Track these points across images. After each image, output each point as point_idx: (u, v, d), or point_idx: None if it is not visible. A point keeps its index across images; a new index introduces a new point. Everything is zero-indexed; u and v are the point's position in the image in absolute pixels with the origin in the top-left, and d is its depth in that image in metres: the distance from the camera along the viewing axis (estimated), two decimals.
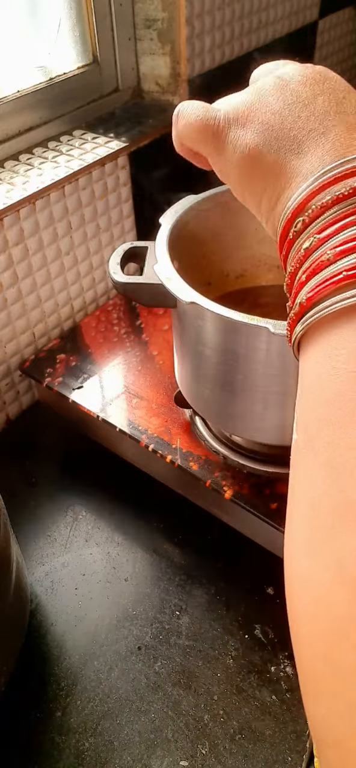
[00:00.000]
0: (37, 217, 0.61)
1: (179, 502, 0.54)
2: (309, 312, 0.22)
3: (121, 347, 0.64)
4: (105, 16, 0.70)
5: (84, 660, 0.46)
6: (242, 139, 0.26)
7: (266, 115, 0.25)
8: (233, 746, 0.41)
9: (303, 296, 0.22)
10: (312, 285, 0.22)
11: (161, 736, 0.42)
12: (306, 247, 0.23)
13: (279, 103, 0.25)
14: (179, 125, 0.29)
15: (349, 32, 1.07)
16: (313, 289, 0.22)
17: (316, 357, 0.22)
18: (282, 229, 0.24)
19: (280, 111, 0.25)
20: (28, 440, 0.66)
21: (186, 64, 0.73)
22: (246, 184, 0.26)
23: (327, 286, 0.21)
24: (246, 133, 0.26)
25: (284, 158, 0.24)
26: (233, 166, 0.26)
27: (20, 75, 0.65)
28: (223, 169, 0.28)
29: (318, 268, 0.22)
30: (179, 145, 0.30)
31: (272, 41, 0.87)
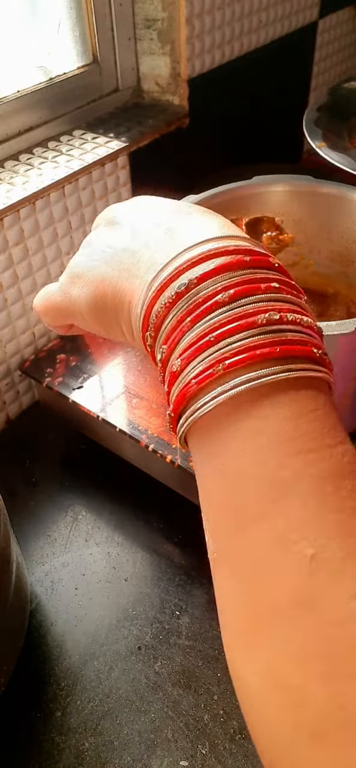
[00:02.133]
0: (37, 217, 0.61)
1: (179, 502, 0.54)
2: (179, 420, 0.23)
3: (121, 347, 0.64)
4: (105, 16, 0.70)
5: (84, 660, 0.46)
6: (82, 291, 0.27)
7: (95, 261, 0.27)
8: (233, 746, 0.41)
9: (170, 407, 0.23)
10: (173, 396, 0.22)
11: (161, 736, 0.42)
12: (159, 359, 0.23)
13: (102, 246, 0.27)
14: (37, 313, 0.32)
15: (349, 32, 1.07)
16: (174, 399, 0.22)
17: (200, 460, 0.23)
18: (144, 348, 0.25)
19: (104, 252, 0.27)
20: (28, 440, 0.66)
21: (186, 64, 0.73)
22: (102, 324, 0.28)
23: (182, 395, 0.22)
24: (84, 285, 0.27)
25: (121, 288, 0.25)
26: (85, 317, 0.28)
27: (20, 75, 0.65)
28: (81, 322, 0.29)
29: (172, 379, 0.22)
30: (47, 325, 0.33)
31: (272, 41, 0.87)
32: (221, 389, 0.21)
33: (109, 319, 0.27)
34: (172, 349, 0.23)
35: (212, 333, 0.21)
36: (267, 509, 0.20)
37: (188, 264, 0.23)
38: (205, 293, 0.22)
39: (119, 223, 0.28)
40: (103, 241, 0.28)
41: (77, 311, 0.28)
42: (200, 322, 0.22)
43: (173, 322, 0.22)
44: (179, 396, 0.22)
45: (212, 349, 0.21)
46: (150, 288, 0.24)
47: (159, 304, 0.23)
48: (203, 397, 0.21)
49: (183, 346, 0.22)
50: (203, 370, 0.21)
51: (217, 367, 0.21)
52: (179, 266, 0.23)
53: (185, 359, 0.22)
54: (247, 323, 0.21)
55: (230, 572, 0.21)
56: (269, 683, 0.19)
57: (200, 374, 0.21)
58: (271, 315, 0.21)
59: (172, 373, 0.22)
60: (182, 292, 0.22)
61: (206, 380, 0.21)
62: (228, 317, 0.21)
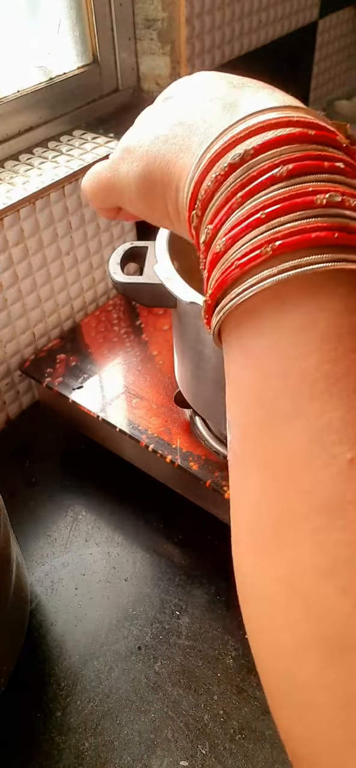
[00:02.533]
0: (37, 217, 0.61)
1: (179, 502, 0.54)
2: (216, 308, 0.21)
3: (121, 347, 0.64)
4: (105, 16, 0.70)
5: (84, 660, 0.46)
6: (131, 167, 0.26)
7: (148, 134, 0.25)
8: (233, 746, 0.41)
9: (208, 292, 0.21)
10: (213, 280, 0.21)
11: (161, 736, 0.42)
12: (203, 240, 0.21)
13: (158, 116, 0.25)
14: (87, 196, 0.30)
15: (349, 32, 1.07)
16: (214, 285, 0.21)
17: (234, 352, 0.21)
18: (188, 231, 0.23)
19: (161, 123, 0.25)
20: (28, 440, 0.66)
21: (186, 64, 0.73)
22: (149, 204, 0.26)
23: (223, 279, 0.20)
24: (134, 161, 0.26)
25: (172, 161, 0.23)
26: (132, 196, 0.26)
27: (20, 75, 0.65)
28: (128, 203, 0.28)
29: (214, 260, 0.21)
30: (92, 206, 0.31)
31: (272, 41, 0.87)
32: (268, 273, 0.19)
33: (156, 198, 0.25)
34: (217, 229, 0.20)
35: (264, 210, 0.19)
36: (305, 407, 0.18)
37: (244, 134, 0.20)
38: (261, 166, 0.19)
39: (174, 96, 0.26)
40: (157, 116, 0.26)
41: (126, 188, 0.27)
42: (252, 198, 0.19)
43: (222, 197, 0.20)
44: (220, 280, 0.20)
45: (262, 228, 0.19)
46: (201, 160, 0.21)
47: (209, 178, 0.21)
48: (245, 282, 0.19)
49: (231, 224, 0.20)
50: (250, 251, 0.19)
51: (265, 248, 0.19)
52: (234, 136, 0.20)
53: (231, 238, 0.20)
54: (304, 202, 0.19)
55: (257, 471, 0.19)
56: (288, 590, 0.18)
57: (245, 255, 0.19)
58: (332, 196, 0.19)
59: (215, 254, 0.20)
60: (236, 164, 0.20)
61: (251, 262, 0.19)
62: (283, 194, 0.19)
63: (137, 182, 0.26)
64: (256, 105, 0.21)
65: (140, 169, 0.25)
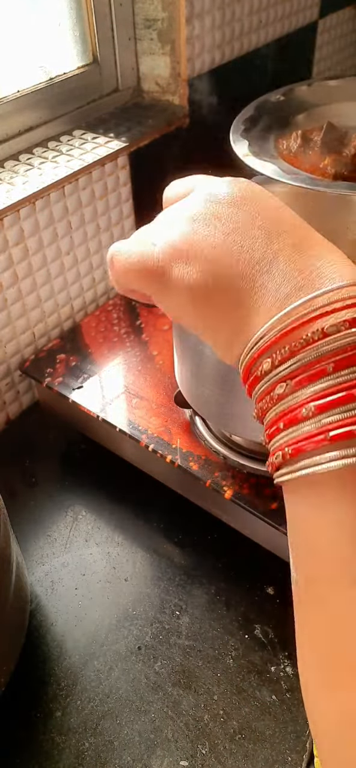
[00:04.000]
0: (37, 217, 0.61)
1: (179, 502, 0.54)
2: (293, 463, 0.21)
3: (121, 347, 0.64)
4: (105, 16, 0.70)
5: (84, 660, 0.46)
6: (188, 277, 0.24)
7: (208, 249, 0.23)
8: (233, 746, 0.41)
9: (286, 447, 0.21)
10: (294, 437, 0.21)
11: (161, 736, 0.42)
12: (279, 393, 0.22)
13: (218, 233, 0.24)
14: (115, 269, 0.27)
15: (349, 32, 1.07)
16: (296, 442, 0.21)
17: (305, 510, 0.22)
18: (246, 366, 0.23)
19: (222, 243, 0.23)
20: (28, 440, 0.66)
21: (186, 64, 0.73)
22: (199, 319, 0.25)
23: (310, 443, 0.20)
24: (191, 271, 0.24)
25: (237, 293, 0.23)
26: (182, 305, 0.25)
27: (20, 75, 0.65)
28: (170, 307, 0.26)
29: (295, 420, 0.21)
30: (119, 287, 0.28)
31: (272, 41, 0.87)
32: (353, 451, 0.20)
33: (210, 318, 0.24)
34: (298, 387, 0.21)
35: (354, 388, 0.20)
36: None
37: (340, 306, 0.21)
38: (354, 340, 0.20)
39: (249, 204, 0.24)
40: (227, 222, 0.24)
41: (175, 293, 0.25)
42: (347, 371, 0.20)
43: (309, 359, 0.21)
44: (302, 444, 0.21)
45: (352, 405, 0.20)
46: (289, 315, 0.21)
47: (297, 339, 0.21)
48: (334, 451, 0.20)
49: (320, 389, 0.20)
50: (344, 425, 0.20)
51: (354, 426, 0.19)
52: (326, 303, 0.21)
53: (321, 406, 0.20)
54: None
55: (323, 623, 0.21)
56: (347, 722, 0.20)
57: (338, 428, 0.20)
58: None
59: (300, 416, 0.21)
60: (330, 333, 0.20)
61: (343, 437, 0.20)
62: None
63: (192, 293, 0.24)
64: (333, 271, 0.22)
65: (200, 282, 0.23)
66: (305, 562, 0.22)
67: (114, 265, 0.27)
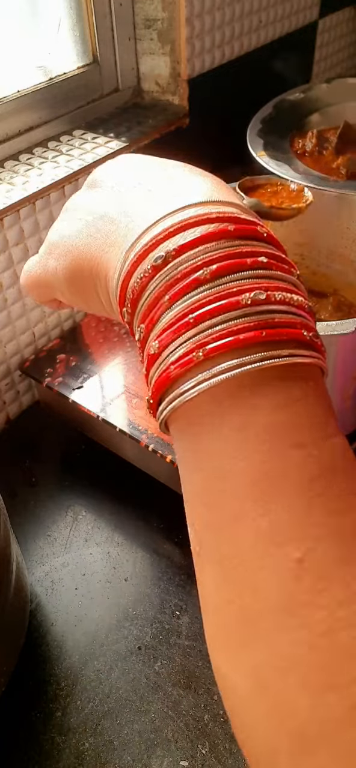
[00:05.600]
0: (37, 217, 0.61)
1: (179, 502, 0.54)
2: (159, 406, 0.21)
3: (121, 347, 0.64)
4: (105, 16, 0.70)
5: (84, 660, 0.46)
6: (59, 262, 0.26)
7: (72, 230, 0.25)
8: (233, 746, 0.41)
9: (149, 392, 0.22)
10: (152, 380, 0.21)
11: (161, 736, 0.42)
12: (138, 338, 0.22)
13: (80, 212, 0.26)
14: (24, 290, 0.31)
15: (349, 32, 1.07)
16: (153, 384, 0.21)
17: (179, 449, 0.21)
18: (123, 324, 0.24)
19: (82, 219, 0.25)
20: (28, 440, 0.66)
21: (186, 64, 0.73)
22: (80, 295, 0.26)
23: (162, 381, 0.20)
24: (61, 256, 0.26)
25: (97, 255, 0.24)
26: (64, 289, 0.27)
27: (20, 75, 0.65)
28: (61, 295, 0.28)
29: (150, 361, 0.21)
30: (41, 303, 0.31)
31: (272, 41, 0.87)
32: (202, 377, 0.19)
33: (87, 292, 0.25)
34: (150, 329, 0.21)
35: (192, 314, 0.20)
36: (249, 508, 0.18)
37: (166, 233, 0.21)
38: (184, 268, 0.20)
39: (99, 185, 0.26)
40: (81, 206, 0.26)
41: (56, 283, 0.27)
42: (179, 301, 0.20)
43: (150, 299, 0.21)
44: (158, 381, 0.21)
45: (192, 332, 0.19)
46: (126, 259, 0.22)
47: (135, 279, 0.21)
48: (182, 385, 0.20)
49: (161, 326, 0.20)
50: (182, 356, 0.20)
51: (197, 352, 0.19)
52: (156, 235, 0.21)
53: (163, 341, 0.20)
54: (230, 304, 0.19)
55: (213, 570, 0.20)
56: (254, 686, 0.18)
57: (179, 359, 0.20)
58: (257, 294, 0.19)
59: (150, 355, 0.21)
60: (158, 266, 0.20)
61: (184, 366, 0.19)
62: (209, 296, 0.19)
63: (66, 277, 0.26)
64: (176, 198, 0.22)
65: (67, 263, 0.26)
66: (190, 509, 0.21)
67: (22, 286, 0.31)
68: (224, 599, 0.19)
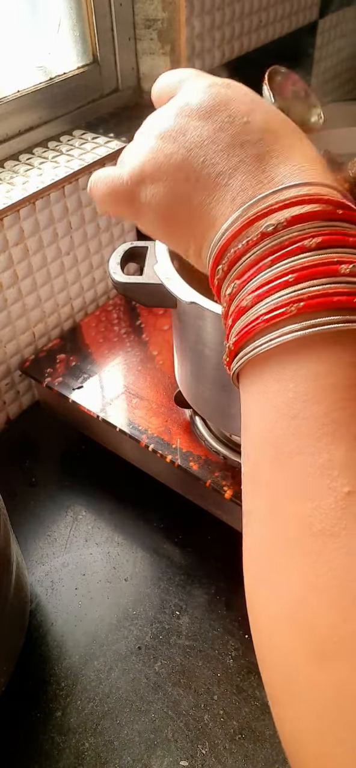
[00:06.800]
0: (37, 217, 0.61)
1: (179, 502, 0.54)
2: (238, 354, 0.23)
3: (121, 347, 0.64)
4: (105, 16, 0.70)
5: (84, 660, 0.46)
6: (154, 198, 0.25)
7: (170, 168, 0.25)
8: (233, 746, 0.41)
9: (231, 340, 0.23)
10: (237, 330, 0.22)
11: (161, 736, 0.42)
12: (229, 293, 0.23)
13: (181, 150, 0.24)
14: (94, 197, 0.29)
15: (349, 32, 1.07)
16: (238, 333, 0.22)
17: (252, 393, 0.23)
18: (210, 276, 0.25)
19: (184, 159, 0.24)
20: (28, 440, 0.66)
21: (186, 64, 0.73)
22: (169, 236, 0.26)
23: (248, 331, 0.22)
24: (157, 190, 0.25)
25: (199, 207, 0.24)
26: (152, 223, 0.27)
27: (20, 75, 0.65)
28: (144, 226, 0.28)
29: (239, 313, 0.22)
30: (101, 212, 0.31)
31: (272, 41, 0.87)
32: (290, 329, 0.20)
33: (179, 235, 0.26)
34: (244, 285, 0.22)
35: (292, 274, 0.21)
36: (310, 446, 0.20)
37: (279, 205, 0.22)
38: (291, 236, 0.21)
39: (207, 111, 0.25)
40: (184, 131, 0.25)
41: (145, 213, 0.26)
42: (282, 263, 0.21)
43: (251, 259, 0.22)
44: (245, 330, 0.22)
45: (290, 290, 0.21)
46: (235, 222, 0.22)
47: (239, 241, 0.22)
48: (269, 334, 0.21)
49: (258, 282, 0.22)
50: (276, 308, 0.21)
51: (290, 306, 0.20)
52: (269, 205, 0.22)
53: (258, 296, 0.21)
54: (330, 269, 0.21)
55: (261, 501, 0.21)
56: (285, 607, 0.19)
57: (271, 311, 0.21)
58: (355, 267, 0.21)
59: (241, 308, 0.22)
60: (268, 233, 0.21)
61: (276, 318, 0.21)
62: (311, 261, 0.21)
63: (159, 213, 0.26)
64: (290, 170, 0.23)
65: (165, 201, 0.25)
66: (252, 448, 0.22)
67: (93, 193, 0.29)
68: (268, 527, 0.21)
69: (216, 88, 0.26)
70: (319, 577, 0.18)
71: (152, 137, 0.26)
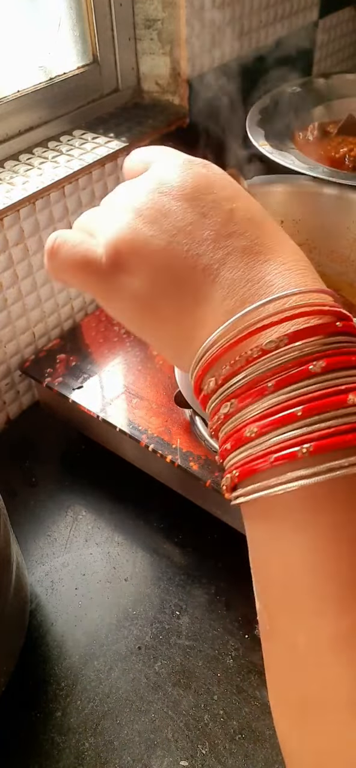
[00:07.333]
0: (37, 217, 0.61)
1: (179, 502, 0.54)
2: (241, 485, 0.21)
3: (121, 347, 0.64)
4: (105, 16, 0.70)
5: (84, 660, 0.46)
6: (130, 288, 0.22)
7: (151, 254, 0.22)
8: (233, 746, 0.41)
9: (233, 471, 0.21)
10: (238, 461, 0.21)
11: (161, 736, 0.42)
12: (225, 412, 0.21)
13: (163, 235, 0.22)
14: (57, 259, 0.25)
15: (349, 32, 1.07)
16: (240, 466, 0.21)
17: (260, 529, 0.21)
18: (195, 382, 0.22)
19: (166, 246, 0.22)
20: (28, 440, 0.66)
21: (186, 64, 0.73)
22: (146, 330, 0.23)
23: (253, 468, 0.20)
24: (134, 281, 0.22)
25: (182, 303, 0.22)
26: (127, 313, 0.23)
27: (20, 75, 0.65)
28: (115, 313, 0.24)
29: (240, 441, 0.20)
30: (55, 278, 0.26)
31: (272, 41, 0.87)
32: (303, 473, 0.19)
33: (156, 329, 0.23)
34: (243, 408, 0.20)
35: (299, 406, 0.19)
36: (333, 607, 0.18)
37: (280, 318, 0.20)
38: (294, 356, 0.19)
39: (190, 200, 0.22)
40: (174, 220, 0.22)
41: (118, 301, 0.23)
42: (287, 388, 0.19)
43: (251, 378, 0.20)
44: (249, 467, 0.20)
45: (298, 424, 0.19)
46: (229, 331, 0.20)
47: (236, 354, 0.20)
48: (279, 476, 0.19)
49: (262, 410, 0.20)
50: (285, 447, 0.19)
51: (301, 448, 0.19)
52: (268, 316, 0.20)
53: (264, 426, 0.19)
54: (338, 400, 0.19)
55: (283, 653, 0.20)
56: (315, 765, 0.20)
57: (280, 450, 0.19)
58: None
59: (243, 437, 0.20)
60: (269, 350, 0.19)
61: (286, 459, 0.19)
62: (318, 390, 0.19)
63: (135, 304, 0.23)
64: (281, 277, 0.21)
65: (141, 293, 0.22)
66: (265, 591, 0.21)
67: (56, 255, 0.25)
68: (294, 683, 0.20)
69: (197, 168, 0.24)
70: (343, 751, 0.19)
71: (128, 211, 0.23)
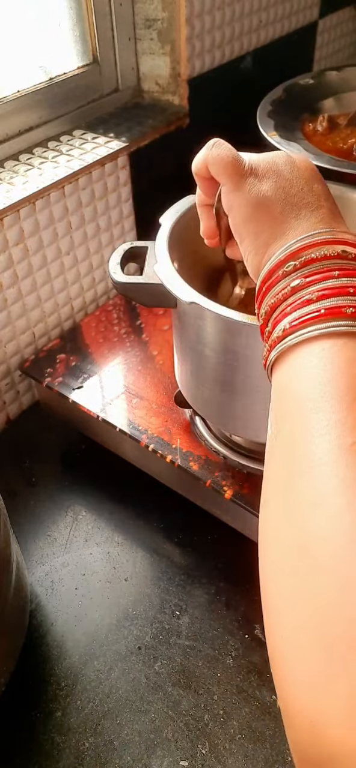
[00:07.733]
0: (37, 217, 0.61)
1: (179, 502, 0.54)
2: (288, 337, 0.27)
3: (121, 347, 0.64)
4: (105, 16, 0.70)
5: (84, 660, 0.46)
6: (258, 187, 0.32)
7: (279, 178, 0.33)
8: (233, 746, 0.41)
9: (286, 324, 0.28)
10: (296, 316, 0.27)
11: (161, 736, 0.42)
12: (294, 285, 0.28)
13: (289, 174, 0.33)
14: (212, 152, 0.34)
15: (349, 32, 1.07)
16: (297, 319, 0.27)
17: (286, 370, 0.27)
18: (271, 267, 0.30)
19: (289, 180, 0.32)
20: (28, 440, 0.66)
21: (186, 64, 0.73)
22: (252, 220, 0.32)
23: (309, 318, 0.27)
24: (262, 184, 0.32)
25: (287, 214, 0.31)
26: (245, 203, 0.32)
27: (20, 75, 0.65)
28: (234, 202, 0.33)
29: (302, 304, 0.28)
30: (202, 167, 0.35)
31: (272, 41, 0.87)
32: (320, 326, 0.27)
33: (261, 220, 0.32)
34: (309, 284, 0.28)
35: (353, 289, 0.28)
36: (336, 420, 0.24)
37: (351, 240, 0.29)
38: (320, 267, 0.29)
39: (296, 173, 0.33)
40: (296, 172, 0.33)
41: (242, 193, 0.32)
42: (345, 279, 0.28)
43: (325, 266, 0.28)
44: (305, 318, 0.27)
45: (353, 299, 0.27)
46: (317, 236, 0.29)
47: (319, 250, 0.29)
48: (318, 324, 0.26)
49: (324, 286, 0.28)
50: (334, 305, 0.27)
51: (347, 308, 0.27)
52: (343, 237, 0.29)
53: (322, 296, 0.27)
54: (344, 292, 0.27)
55: (284, 456, 0.25)
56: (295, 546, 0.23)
57: (330, 306, 0.27)
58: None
59: (306, 300, 0.27)
60: (340, 255, 0.28)
61: (335, 313, 0.27)
62: (335, 285, 0.28)
63: (255, 199, 0.32)
64: (344, 226, 0.31)
65: (263, 193, 0.32)
66: (279, 403, 0.27)
67: (213, 148, 0.34)
68: (292, 488, 0.24)
69: (308, 161, 0.35)
70: None
71: (267, 157, 0.34)
